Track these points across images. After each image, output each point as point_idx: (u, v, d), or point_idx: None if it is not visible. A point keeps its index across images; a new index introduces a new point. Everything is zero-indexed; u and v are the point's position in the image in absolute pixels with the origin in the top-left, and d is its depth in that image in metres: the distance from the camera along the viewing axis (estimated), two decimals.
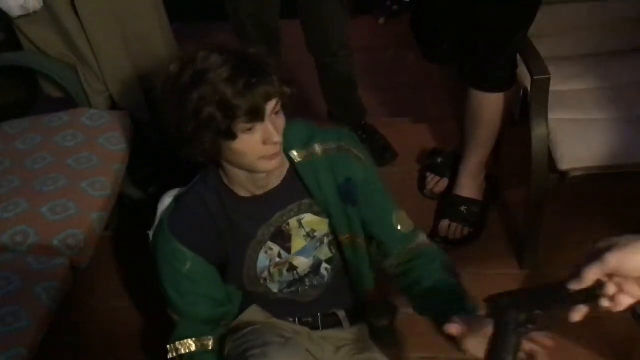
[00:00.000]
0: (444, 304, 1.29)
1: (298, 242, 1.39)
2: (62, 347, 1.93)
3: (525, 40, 1.89)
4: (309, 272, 1.43)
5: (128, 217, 2.30)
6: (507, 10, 1.80)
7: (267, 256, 1.38)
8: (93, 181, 1.86)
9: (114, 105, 2.17)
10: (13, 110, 2.21)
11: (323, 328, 1.49)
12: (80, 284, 1.86)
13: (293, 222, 1.37)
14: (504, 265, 2.07)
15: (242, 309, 1.48)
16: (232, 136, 1.18)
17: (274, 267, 1.40)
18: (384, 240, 1.41)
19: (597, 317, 1.94)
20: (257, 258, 1.37)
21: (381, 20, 3.30)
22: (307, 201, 1.36)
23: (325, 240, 1.41)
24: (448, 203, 2.20)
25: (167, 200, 1.44)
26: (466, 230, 2.15)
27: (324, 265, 1.44)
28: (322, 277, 1.45)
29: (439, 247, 2.09)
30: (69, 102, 2.16)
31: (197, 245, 1.33)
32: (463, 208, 2.15)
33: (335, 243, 1.42)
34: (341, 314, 1.51)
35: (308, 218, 1.37)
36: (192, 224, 1.34)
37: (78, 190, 1.83)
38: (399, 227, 1.41)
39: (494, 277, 2.06)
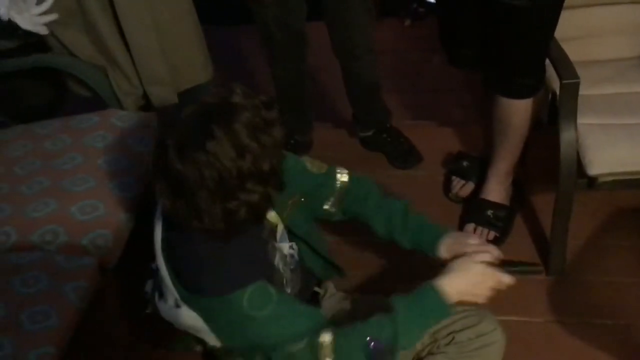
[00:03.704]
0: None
1: (279, 228, 1.43)
2: (87, 347, 1.94)
3: (554, 43, 1.87)
4: (288, 258, 1.44)
5: None
6: (538, 15, 1.77)
7: (278, 258, 1.40)
8: (122, 182, 1.88)
9: (143, 106, 2.20)
10: (44, 111, 2.25)
11: None
12: (106, 284, 1.87)
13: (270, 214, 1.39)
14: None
15: None
16: None
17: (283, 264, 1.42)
18: (309, 189, 1.46)
19: (623, 325, 1.92)
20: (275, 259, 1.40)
21: (407, 22, 3.29)
22: None
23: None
24: (474, 207, 2.19)
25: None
26: (492, 235, 2.13)
27: (287, 244, 1.45)
28: (292, 256, 1.45)
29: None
30: (98, 103, 2.19)
31: (263, 273, 1.28)
32: (489, 212, 2.13)
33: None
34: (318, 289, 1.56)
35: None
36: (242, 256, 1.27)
37: (107, 191, 1.85)
38: (315, 171, 1.49)
39: (521, 282, 2.03)
